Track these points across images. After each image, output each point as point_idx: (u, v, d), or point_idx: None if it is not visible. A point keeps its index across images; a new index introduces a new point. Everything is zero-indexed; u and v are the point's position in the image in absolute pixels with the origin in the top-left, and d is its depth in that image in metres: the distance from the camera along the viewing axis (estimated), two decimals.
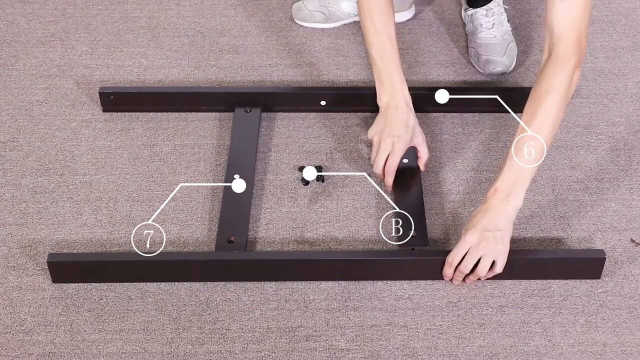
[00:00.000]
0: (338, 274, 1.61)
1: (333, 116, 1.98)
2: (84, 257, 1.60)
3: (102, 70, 2.11)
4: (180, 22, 2.27)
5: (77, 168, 1.85)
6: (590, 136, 1.93)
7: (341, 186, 1.81)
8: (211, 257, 1.61)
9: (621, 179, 1.83)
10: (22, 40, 2.21)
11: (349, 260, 1.60)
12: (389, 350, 1.51)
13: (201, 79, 2.09)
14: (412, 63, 2.13)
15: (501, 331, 1.54)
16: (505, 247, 1.53)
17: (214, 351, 1.50)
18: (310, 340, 1.52)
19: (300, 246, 1.68)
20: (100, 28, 2.25)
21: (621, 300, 1.59)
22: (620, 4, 2.32)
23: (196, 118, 1.97)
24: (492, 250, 1.53)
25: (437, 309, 1.57)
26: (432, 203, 1.77)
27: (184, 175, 1.83)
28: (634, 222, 1.73)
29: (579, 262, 1.60)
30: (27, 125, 1.96)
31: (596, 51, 2.16)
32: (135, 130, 1.94)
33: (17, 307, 1.57)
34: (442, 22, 2.26)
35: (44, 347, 1.51)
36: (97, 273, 1.60)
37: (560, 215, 1.75)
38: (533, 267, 1.60)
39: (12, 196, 1.79)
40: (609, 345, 1.52)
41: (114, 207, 1.76)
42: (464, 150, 1.89)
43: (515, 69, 2.10)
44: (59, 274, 1.60)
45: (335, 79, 2.09)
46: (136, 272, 1.60)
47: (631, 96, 2.03)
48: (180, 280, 1.61)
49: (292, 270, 1.61)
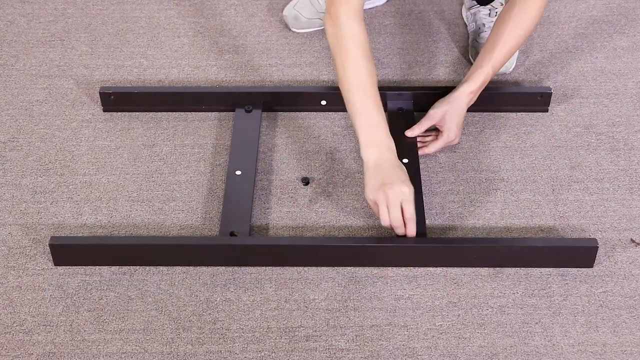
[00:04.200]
0: (340, 260, 1.64)
1: (333, 116, 1.98)
2: (85, 240, 1.64)
3: (102, 70, 2.11)
4: (180, 22, 2.27)
5: (77, 168, 1.85)
6: (590, 136, 1.93)
7: (341, 186, 1.81)
8: (214, 242, 1.65)
9: (621, 179, 1.83)
10: (22, 40, 2.21)
11: (349, 246, 1.63)
12: (389, 350, 1.51)
13: (201, 79, 2.09)
14: (412, 63, 2.13)
15: (501, 331, 1.54)
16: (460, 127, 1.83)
17: (214, 351, 1.50)
18: (310, 340, 1.52)
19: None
20: (100, 28, 2.25)
21: (621, 300, 1.59)
22: (620, 4, 2.32)
23: (196, 118, 1.97)
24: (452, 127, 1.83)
25: (437, 309, 1.57)
26: (432, 203, 1.77)
27: (184, 175, 1.83)
28: (634, 222, 1.73)
29: (572, 250, 1.62)
30: (27, 125, 1.96)
31: (596, 51, 2.16)
32: (135, 130, 1.94)
33: (17, 307, 1.57)
34: (442, 22, 2.26)
35: (44, 347, 1.51)
36: (100, 255, 1.63)
37: (560, 215, 1.75)
38: (527, 254, 1.62)
39: (12, 196, 1.79)
40: (609, 345, 1.52)
41: (114, 207, 1.76)
42: (464, 150, 1.89)
43: (515, 69, 2.10)
44: (62, 256, 1.62)
45: (335, 78, 2.08)
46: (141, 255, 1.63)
47: (631, 96, 2.03)
48: (181, 265, 1.64)
49: (295, 256, 1.64)
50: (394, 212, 1.59)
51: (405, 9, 2.31)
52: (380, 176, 1.60)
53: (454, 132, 1.83)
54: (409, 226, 1.61)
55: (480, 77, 1.82)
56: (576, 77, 2.08)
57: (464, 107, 1.83)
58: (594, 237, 1.69)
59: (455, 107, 1.83)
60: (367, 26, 2.22)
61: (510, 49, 1.82)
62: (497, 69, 1.83)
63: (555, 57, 2.14)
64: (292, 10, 2.21)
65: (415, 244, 1.63)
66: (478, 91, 1.84)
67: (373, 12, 2.29)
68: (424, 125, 1.85)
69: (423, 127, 1.86)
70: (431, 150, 1.84)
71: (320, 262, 1.64)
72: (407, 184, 1.61)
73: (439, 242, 1.65)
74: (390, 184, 1.58)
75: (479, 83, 1.82)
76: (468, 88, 1.82)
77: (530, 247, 1.62)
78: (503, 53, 1.82)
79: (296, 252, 1.63)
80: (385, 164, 1.62)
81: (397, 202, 1.58)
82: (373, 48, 2.17)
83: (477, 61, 1.84)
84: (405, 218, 1.60)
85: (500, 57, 1.82)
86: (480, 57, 1.83)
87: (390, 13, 2.29)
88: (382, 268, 1.64)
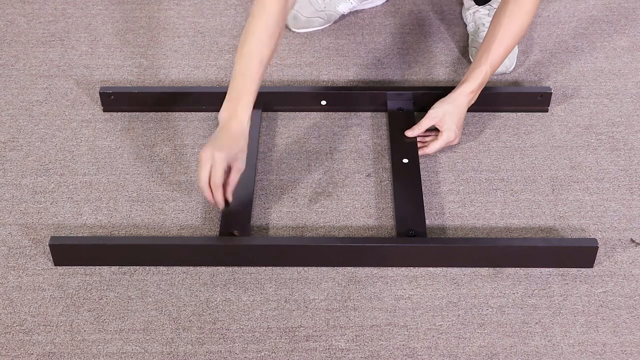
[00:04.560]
0: (340, 260, 1.64)
1: (333, 116, 1.98)
2: (85, 240, 1.64)
3: (102, 70, 2.11)
4: (180, 22, 2.27)
5: (77, 168, 1.85)
6: (590, 136, 1.93)
7: (341, 186, 1.81)
8: (214, 242, 1.65)
9: (621, 179, 1.83)
10: (22, 40, 2.21)
11: (349, 246, 1.63)
12: (389, 350, 1.51)
13: (201, 79, 2.09)
14: (412, 63, 2.13)
15: (501, 331, 1.54)
16: (460, 127, 1.85)
17: (214, 351, 1.50)
18: (310, 340, 1.52)
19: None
20: (100, 28, 2.25)
21: (621, 300, 1.59)
22: (620, 4, 2.32)
23: (196, 118, 1.97)
24: (451, 127, 1.84)
25: (437, 309, 1.57)
26: (432, 203, 1.77)
27: (184, 175, 1.83)
28: (634, 222, 1.73)
29: (572, 250, 1.62)
30: (27, 125, 1.96)
31: (596, 51, 2.16)
32: (135, 130, 1.94)
33: (17, 307, 1.57)
34: (442, 22, 2.26)
35: (44, 347, 1.51)
36: (100, 255, 1.63)
37: (560, 215, 1.75)
38: (527, 254, 1.62)
39: (12, 196, 1.79)
40: (609, 345, 1.52)
41: (114, 207, 1.76)
42: (464, 150, 1.89)
43: (515, 69, 2.10)
44: (62, 256, 1.62)
45: (335, 79, 2.09)
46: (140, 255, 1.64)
47: (631, 96, 2.03)
48: (181, 265, 1.64)
49: (295, 256, 1.64)
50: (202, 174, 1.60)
51: (405, 9, 2.31)
52: (219, 138, 1.64)
53: (453, 132, 1.83)
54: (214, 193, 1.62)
55: (479, 77, 1.82)
56: (576, 77, 2.08)
57: (464, 107, 1.83)
58: (594, 237, 1.69)
59: (455, 107, 1.83)
60: (367, 26, 2.23)
61: (507, 46, 1.82)
62: (495, 67, 1.83)
63: (555, 57, 2.14)
64: (291, 11, 2.21)
65: (415, 244, 1.63)
66: (478, 90, 1.84)
67: (373, 12, 2.29)
68: (423, 125, 1.85)
69: (423, 127, 1.86)
70: (431, 150, 1.85)
71: (320, 262, 1.64)
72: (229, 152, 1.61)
73: (439, 242, 1.65)
74: (215, 148, 1.60)
75: (477, 82, 1.82)
76: (467, 88, 1.83)
77: (530, 247, 1.62)
78: (500, 51, 1.82)
79: (296, 252, 1.63)
80: (228, 131, 1.65)
81: (207, 164, 1.60)
82: (373, 48, 2.17)
83: (475, 61, 1.84)
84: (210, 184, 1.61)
85: (498, 55, 1.82)
86: (478, 57, 1.84)
87: (390, 13, 2.29)
88: (382, 268, 1.64)
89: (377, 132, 1.94)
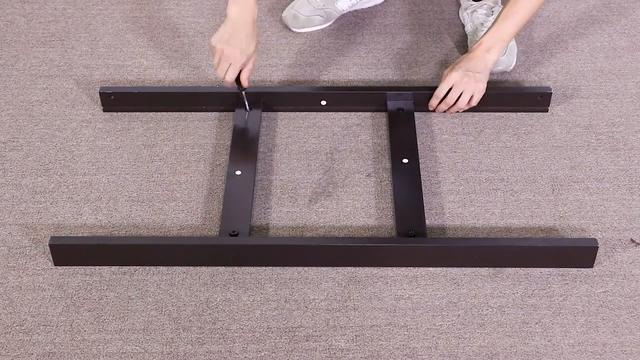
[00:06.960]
0: (340, 260, 1.64)
1: (333, 116, 1.98)
2: (85, 240, 1.64)
3: (102, 70, 2.11)
4: (180, 22, 2.27)
5: (77, 168, 1.85)
6: (590, 136, 1.93)
7: (341, 186, 1.81)
8: (214, 242, 1.65)
9: (621, 179, 1.83)
10: (22, 40, 2.21)
11: (349, 246, 1.63)
12: (389, 350, 1.51)
13: (201, 79, 2.09)
14: (412, 63, 2.13)
15: (501, 331, 1.54)
16: (483, 85, 1.87)
17: (214, 351, 1.50)
18: (310, 340, 1.52)
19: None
20: (100, 28, 2.25)
21: (621, 300, 1.59)
22: (620, 4, 2.32)
23: (196, 118, 1.97)
24: (472, 87, 1.86)
25: (437, 309, 1.57)
26: (432, 203, 1.77)
27: (184, 175, 1.83)
28: (634, 222, 1.73)
29: (572, 250, 1.62)
30: (27, 125, 1.96)
31: (596, 51, 2.16)
32: (135, 130, 1.94)
33: (17, 307, 1.57)
34: (442, 22, 2.26)
35: (44, 347, 1.51)
36: (100, 255, 1.63)
37: (560, 215, 1.75)
38: (527, 254, 1.62)
39: (12, 196, 1.79)
40: (609, 345, 1.52)
41: (114, 207, 1.76)
42: (464, 150, 1.89)
43: (515, 69, 2.10)
44: (62, 256, 1.62)
45: (335, 79, 2.09)
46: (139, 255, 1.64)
47: (631, 96, 2.03)
48: (181, 265, 1.64)
49: (295, 256, 1.64)
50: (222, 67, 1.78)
51: (405, 9, 2.31)
52: (229, 31, 1.76)
53: (482, 84, 1.87)
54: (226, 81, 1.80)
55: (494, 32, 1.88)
56: (576, 77, 2.08)
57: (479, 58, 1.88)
58: (594, 237, 1.69)
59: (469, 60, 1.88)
60: (367, 26, 2.23)
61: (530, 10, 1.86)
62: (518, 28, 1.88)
63: (555, 57, 2.14)
64: (291, 11, 2.22)
65: (415, 244, 1.63)
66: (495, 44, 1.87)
67: (373, 12, 2.29)
68: (442, 90, 1.90)
69: (441, 93, 1.90)
70: (462, 106, 1.90)
71: (320, 262, 1.64)
72: (244, 51, 1.76)
73: (439, 242, 1.65)
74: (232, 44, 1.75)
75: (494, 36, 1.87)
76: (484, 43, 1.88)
77: (530, 247, 1.62)
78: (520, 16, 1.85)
79: (296, 252, 1.63)
80: (239, 23, 1.76)
81: (227, 60, 1.77)
82: (373, 48, 2.17)
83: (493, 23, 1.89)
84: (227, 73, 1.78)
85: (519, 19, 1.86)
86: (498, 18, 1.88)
87: (390, 13, 2.29)
88: (382, 268, 1.64)
89: (377, 132, 1.94)
